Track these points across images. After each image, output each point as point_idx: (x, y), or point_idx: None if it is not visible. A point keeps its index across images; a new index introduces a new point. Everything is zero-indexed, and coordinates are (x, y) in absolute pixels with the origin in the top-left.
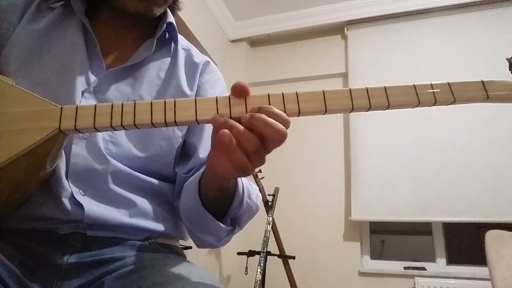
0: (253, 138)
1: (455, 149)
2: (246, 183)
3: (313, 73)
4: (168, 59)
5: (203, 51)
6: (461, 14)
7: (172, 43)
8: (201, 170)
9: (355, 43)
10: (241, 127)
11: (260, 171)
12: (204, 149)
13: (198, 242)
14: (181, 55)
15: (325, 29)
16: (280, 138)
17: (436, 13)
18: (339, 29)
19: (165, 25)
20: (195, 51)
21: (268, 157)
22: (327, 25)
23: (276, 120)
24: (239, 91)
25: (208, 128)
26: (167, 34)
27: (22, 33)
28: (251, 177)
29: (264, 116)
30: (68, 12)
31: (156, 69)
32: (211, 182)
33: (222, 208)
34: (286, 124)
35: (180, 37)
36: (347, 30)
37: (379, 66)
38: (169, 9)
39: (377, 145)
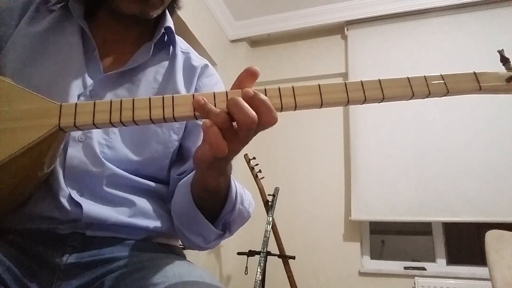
0: (222, 114)
1: (455, 149)
2: (239, 189)
3: (313, 73)
4: (166, 63)
5: (203, 51)
6: (461, 14)
7: (171, 46)
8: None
9: (355, 43)
10: (212, 107)
11: (260, 171)
12: None
13: (186, 243)
14: (180, 59)
15: (325, 29)
16: (247, 122)
17: (436, 13)
18: (339, 29)
19: (162, 29)
20: (194, 54)
21: (268, 157)
22: (327, 25)
23: (260, 105)
24: (250, 74)
25: None
26: (166, 36)
27: (20, 35)
28: (251, 177)
29: (236, 98)
30: (67, 15)
31: (154, 72)
32: (199, 179)
33: (214, 211)
34: (268, 109)
35: (179, 40)
36: (347, 30)
37: (379, 66)
38: (168, 9)
39: (377, 145)
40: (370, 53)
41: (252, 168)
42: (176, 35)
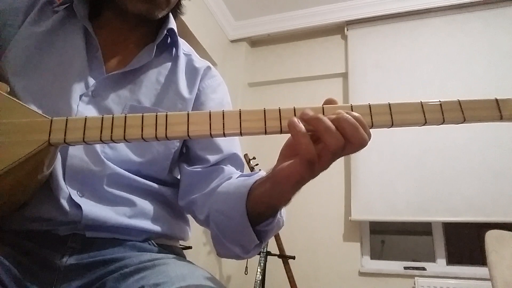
0: (340, 137)
1: (455, 149)
2: None
3: (313, 73)
4: (168, 64)
5: (203, 51)
6: (462, 14)
7: (174, 48)
8: (250, 181)
9: (355, 43)
10: (330, 123)
11: (260, 171)
12: (227, 140)
13: (222, 251)
14: (182, 60)
15: (325, 29)
16: (362, 143)
17: (436, 13)
18: (339, 29)
19: (165, 31)
20: (196, 56)
21: (268, 157)
22: (327, 25)
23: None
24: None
25: None
26: (169, 38)
27: (24, 36)
28: None
29: (350, 118)
30: (71, 16)
31: (156, 73)
32: (271, 196)
33: (255, 220)
34: (366, 129)
35: (182, 42)
36: (347, 30)
37: (379, 66)
38: (172, 13)
39: (377, 145)
40: (370, 53)
41: (252, 168)
42: (179, 37)
